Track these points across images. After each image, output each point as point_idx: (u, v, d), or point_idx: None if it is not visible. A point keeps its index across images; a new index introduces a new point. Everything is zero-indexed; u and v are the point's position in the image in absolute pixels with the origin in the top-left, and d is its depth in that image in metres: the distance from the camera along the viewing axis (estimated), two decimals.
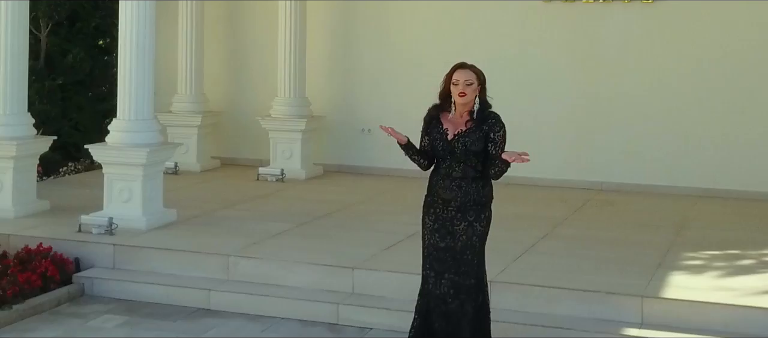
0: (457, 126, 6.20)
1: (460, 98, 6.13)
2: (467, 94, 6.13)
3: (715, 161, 11.45)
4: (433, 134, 6.27)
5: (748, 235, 9.30)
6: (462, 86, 6.13)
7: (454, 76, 6.17)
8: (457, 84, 6.15)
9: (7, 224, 9.15)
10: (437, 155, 6.28)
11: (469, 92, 6.14)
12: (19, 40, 9.83)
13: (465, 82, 6.14)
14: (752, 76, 11.37)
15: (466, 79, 6.14)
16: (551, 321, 7.17)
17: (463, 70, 6.18)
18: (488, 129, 6.18)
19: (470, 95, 6.15)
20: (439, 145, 6.23)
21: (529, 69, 12.12)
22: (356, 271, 7.85)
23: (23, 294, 7.76)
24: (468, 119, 6.20)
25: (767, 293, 7.31)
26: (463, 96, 6.13)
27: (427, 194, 6.37)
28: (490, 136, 6.18)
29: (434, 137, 6.25)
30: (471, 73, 6.17)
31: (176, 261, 8.33)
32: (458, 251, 6.26)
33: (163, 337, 7.18)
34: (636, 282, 7.50)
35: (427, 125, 6.33)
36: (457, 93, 6.14)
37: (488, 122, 6.20)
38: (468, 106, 6.17)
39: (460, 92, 6.13)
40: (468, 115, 6.20)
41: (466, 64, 6.23)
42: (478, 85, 6.18)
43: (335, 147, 12.84)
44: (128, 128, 9.27)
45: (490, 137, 6.18)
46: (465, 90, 6.13)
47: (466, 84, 6.14)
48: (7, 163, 9.59)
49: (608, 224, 9.81)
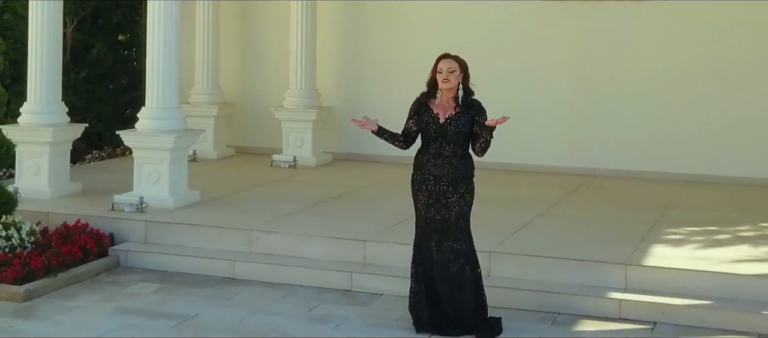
0: (447, 111, 7.03)
1: (445, 84, 6.97)
2: (451, 80, 6.97)
3: (701, 148, 12.22)
4: (424, 118, 7.08)
5: (726, 215, 10.07)
6: (446, 73, 6.97)
7: (438, 66, 7.02)
8: (441, 72, 6.99)
9: (45, 204, 9.93)
10: (427, 137, 7.09)
11: (452, 78, 6.97)
12: (53, 36, 10.60)
13: (448, 70, 6.98)
14: (735, 71, 12.14)
15: (449, 68, 6.98)
16: (544, 286, 7.94)
17: (446, 60, 7.02)
18: (474, 113, 7.02)
19: (453, 81, 6.98)
20: (431, 127, 7.05)
21: (527, 63, 12.89)
22: (368, 243, 8.65)
23: (65, 264, 8.54)
24: (455, 104, 7.02)
25: (738, 262, 8.10)
26: (447, 82, 6.97)
27: (415, 173, 7.20)
28: (476, 118, 7.02)
29: (426, 121, 7.06)
30: (454, 62, 7.02)
31: (203, 235, 9.13)
32: (453, 221, 7.09)
33: (194, 301, 7.95)
34: (621, 253, 8.29)
35: (416, 110, 7.15)
36: (442, 80, 6.99)
37: (474, 107, 7.04)
38: (452, 91, 7.00)
39: (443, 78, 6.97)
40: (454, 101, 7.02)
41: (450, 54, 7.09)
42: (461, 72, 7.02)
43: (344, 136, 13.59)
44: (156, 116, 10.05)
45: (476, 120, 7.02)
46: (448, 77, 6.97)
47: (449, 71, 6.98)
48: (44, 148, 10.36)
49: (599, 206, 10.59)
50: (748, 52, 12.10)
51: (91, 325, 7.34)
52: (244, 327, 7.32)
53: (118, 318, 7.52)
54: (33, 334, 7.13)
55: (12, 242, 8.56)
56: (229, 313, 7.66)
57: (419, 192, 7.20)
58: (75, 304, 7.87)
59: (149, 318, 7.52)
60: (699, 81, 12.27)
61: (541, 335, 7.24)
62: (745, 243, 8.80)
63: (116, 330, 7.22)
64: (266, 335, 7.16)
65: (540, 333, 7.26)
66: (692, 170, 12.14)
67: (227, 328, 7.29)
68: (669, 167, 12.26)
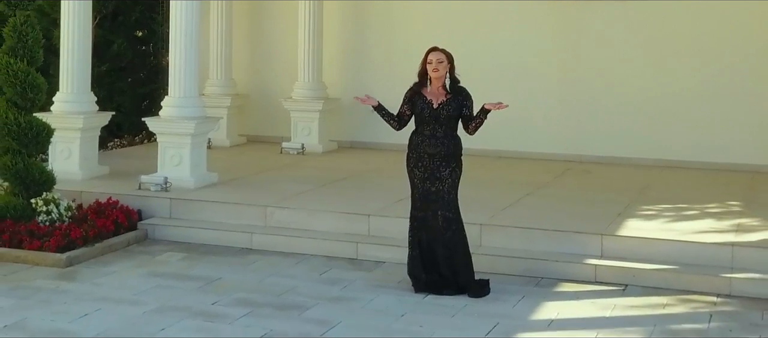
0: (439, 98, 8.05)
1: (435, 73, 7.99)
2: (440, 70, 7.99)
3: (678, 136, 13.16)
4: (418, 104, 8.08)
5: (697, 194, 11.04)
6: (435, 64, 7.99)
7: (428, 57, 8.05)
8: (431, 63, 8.01)
9: (77, 184, 10.90)
10: (421, 120, 8.11)
11: (441, 68, 7.99)
12: (83, 32, 11.57)
13: (437, 61, 8.00)
14: (712, 65, 13.08)
15: (438, 59, 8.01)
16: (529, 254, 8.91)
17: (435, 52, 8.05)
18: (462, 99, 8.07)
19: (442, 71, 8.00)
20: (425, 112, 8.05)
21: (520, 57, 13.82)
22: (371, 217, 9.63)
23: (100, 235, 9.52)
24: (445, 92, 8.02)
25: (701, 233, 9.08)
26: (437, 71, 7.99)
27: (411, 152, 8.22)
28: (464, 104, 8.06)
29: (421, 107, 8.07)
30: (442, 54, 8.05)
31: (222, 211, 10.10)
32: (445, 192, 8.10)
33: (217, 268, 8.92)
34: (598, 225, 9.26)
35: (410, 97, 8.16)
36: (432, 70, 8.01)
37: (462, 94, 8.07)
38: (441, 80, 8.01)
39: (433, 68, 7.99)
40: (443, 88, 8.02)
41: (438, 47, 8.13)
42: (448, 63, 8.02)
43: (348, 125, 14.55)
44: (178, 104, 11.02)
45: (465, 105, 8.06)
46: (438, 67, 8.00)
47: (439, 62, 8.00)
48: (75, 134, 11.33)
49: (583, 187, 11.56)
50: (722, 49, 13.05)
51: (128, 286, 8.32)
52: (263, 288, 8.30)
53: (150, 280, 8.50)
54: (78, 293, 8.10)
55: (52, 216, 9.55)
56: (249, 276, 8.64)
57: (415, 169, 8.19)
58: (111, 269, 8.85)
59: (178, 280, 8.50)
60: (677, 75, 13.21)
61: (525, 295, 8.19)
62: (710, 218, 9.78)
63: (150, 290, 8.19)
64: (283, 293, 8.13)
65: (524, 294, 8.21)
66: (670, 156, 13.10)
67: (248, 288, 8.26)
68: (649, 153, 13.21)
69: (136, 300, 7.91)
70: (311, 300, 7.96)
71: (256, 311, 7.64)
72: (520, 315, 7.67)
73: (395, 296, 8.12)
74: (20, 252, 9.06)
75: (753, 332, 7.32)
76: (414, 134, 8.22)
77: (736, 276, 8.32)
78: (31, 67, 9.77)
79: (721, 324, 7.52)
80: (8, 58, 9.72)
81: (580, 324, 7.52)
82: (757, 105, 12.86)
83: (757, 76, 12.87)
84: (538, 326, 7.45)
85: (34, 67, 9.82)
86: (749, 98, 12.90)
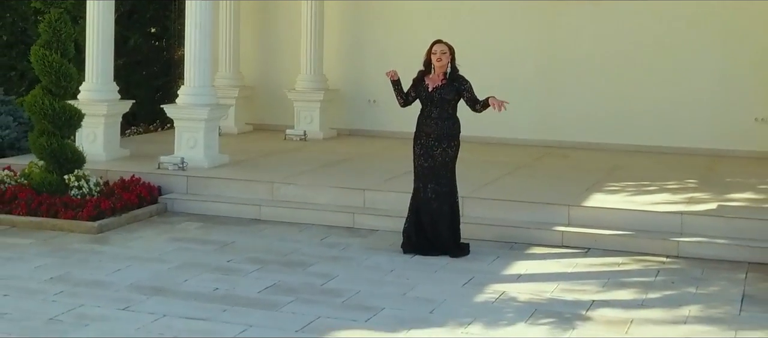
0: (435, 83, 9.25)
1: (438, 62, 9.18)
2: (442, 60, 9.18)
3: (647, 123, 14.38)
4: (419, 88, 9.30)
5: (659, 174, 12.25)
6: (439, 54, 9.19)
7: (433, 48, 9.24)
8: (435, 53, 9.20)
9: (102, 164, 12.11)
10: (422, 102, 9.29)
11: (444, 58, 9.18)
12: (106, 29, 12.79)
13: (441, 52, 9.19)
14: (674, 60, 14.31)
15: (441, 50, 9.20)
16: (505, 223, 10.13)
17: (439, 44, 9.24)
18: (458, 84, 9.25)
19: (444, 61, 9.18)
20: (423, 95, 9.26)
21: (504, 51, 15.05)
22: (366, 192, 10.86)
23: (126, 207, 10.75)
24: (443, 78, 9.22)
25: (656, 204, 10.31)
26: (440, 61, 9.17)
27: (416, 131, 9.38)
28: (462, 88, 9.25)
29: (420, 91, 9.29)
30: (445, 46, 9.23)
31: (234, 187, 11.33)
32: (437, 168, 9.29)
33: (230, 234, 10.14)
34: (567, 198, 10.49)
35: (415, 82, 9.36)
36: (436, 59, 9.19)
37: (458, 80, 9.24)
38: (443, 68, 9.20)
39: (437, 58, 9.18)
40: (444, 76, 9.22)
41: (442, 40, 9.30)
42: (450, 54, 9.20)
43: (347, 114, 15.78)
44: (193, 92, 12.23)
45: (464, 89, 9.26)
46: (441, 57, 9.18)
47: (442, 53, 9.19)
48: (99, 119, 12.54)
49: (558, 168, 12.78)
50: (683, 44, 14.29)
51: (153, 248, 9.56)
52: (271, 250, 9.53)
53: (173, 243, 9.74)
54: (110, 254, 9.33)
55: (83, 190, 10.76)
56: (258, 241, 9.88)
57: (416, 146, 9.40)
58: (137, 235, 10.08)
59: (197, 244, 9.73)
60: (645, 68, 14.44)
61: (499, 256, 9.40)
62: (666, 192, 11.00)
63: (173, 251, 9.42)
64: (288, 253, 9.37)
65: (499, 256, 9.42)
66: (639, 141, 14.32)
67: (258, 250, 9.49)
68: (621, 138, 14.43)
69: (161, 258, 9.15)
70: (313, 259, 9.19)
71: (265, 267, 8.87)
72: (493, 271, 8.89)
73: (386, 256, 9.35)
74: (57, 221, 10.29)
75: (692, 285, 8.53)
76: (419, 115, 9.43)
77: (684, 240, 9.54)
78: (64, 58, 10.96)
79: (665, 278, 8.74)
80: (44, 51, 10.91)
81: (544, 277, 8.75)
82: (716, 94, 14.08)
83: (715, 67, 14.10)
84: (508, 279, 8.66)
85: (67, 58, 11.02)
86: (709, 88, 14.14)
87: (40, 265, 8.86)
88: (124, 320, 7.33)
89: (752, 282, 8.63)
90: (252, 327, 7.17)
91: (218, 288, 8.19)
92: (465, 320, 7.42)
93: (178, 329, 7.12)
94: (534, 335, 7.14)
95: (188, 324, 7.24)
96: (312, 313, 7.51)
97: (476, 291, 8.25)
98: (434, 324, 7.34)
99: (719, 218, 9.81)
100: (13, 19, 16.48)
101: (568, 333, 7.18)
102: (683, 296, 8.20)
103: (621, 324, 7.40)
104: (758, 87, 13.88)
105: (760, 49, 13.91)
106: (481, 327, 7.30)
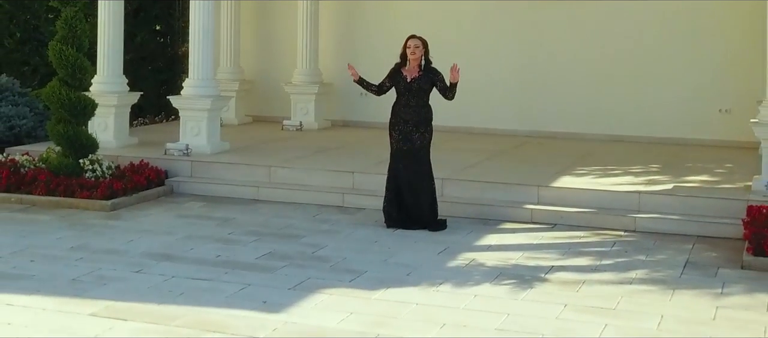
0: (412, 74, 10.29)
1: (412, 55, 10.22)
2: (416, 53, 10.23)
3: (622, 114, 15.40)
4: (397, 79, 10.34)
5: (626, 160, 13.27)
6: (413, 48, 10.23)
7: (408, 43, 10.29)
8: (410, 47, 10.24)
9: (113, 150, 13.13)
10: (399, 92, 10.33)
11: (418, 52, 10.23)
12: (116, 26, 13.82)
13: (415, 46, 10.24)
14: (648, 55, 15.33)
15: (415, 44, 10.25)
16: (480, 201, 11.16)
17: (413, 39, 10.30)
18: (433, 76, 10.31)
19: (418, 54, 10.23)
20: (402, 85, 10.30)
21: (487, 47, 16.08)
22: (355, 174, 11.91)
23: (136, 188, 11.79)
24: (419, 70, 10.26)
25: (617, 184, 11.36)
26: (414, 54, 10.21)
27: (392, 118, 10.44)
28: (436, 79, 10.28)
29: (398, 81, 10.33)
30: (419, 40, 10.28)
31: (234, 170, 12.38)
32: (415, 151, 10.34)
33: (231, 211, 11.17)
34: (538, 179, 11.52)
35: (392, 73, 10.39)
36: (410, 53, 10.23)
37: (432, 72, 10.29)
38: (417, 61, 10.24)
39: (411, 52, 10.22)
40: (418, 68, 10.25)
41: (416, 35, 10.32)
42: (423, 48, 10.23)
43: (340, 106, 16.81)
44: (197, 84, 13.26)
45: (437, 79, 10.28)
46: (415, 51, 10.23)
47: (416, 47, 10.24)
48: (110, 110, 13.57)
49: (533, 155, 13.79)
50: (655, 42, 15.31)
51: (163, 222, 10.61)
52: (268, 224, 10.57)
53: (180, 219, 10.79)
54: (123, 227, 10.38)
55: (96, 173, 11.80)
56: (256, 217, 10.92)
57: (394, 131, 10.44)
58: (147, 212, 11.13)
59: (201, 219, 10.78)
60: (617, 63, 15.47)
61: (473, 230, 10.43)
62: (629, 175, 12.04)
63: (179, 225, 10.46)
64: (283, 227, 10.41)
65: (473, 230, 10.45)
66: (613, 130, 15.35)
67: (256, 225, 10.54)
68: (595, 129, 15.45)
69: (169, 231, 10.19)
70: (306, 232, 10.24)
71: (262, 238, 9.92)
72: (466, 243, 9.93)
73: (371, 230, 10.39)
74: (73, 200, 11.34)
75: (643, 254, 9.56)
76: (395, 104, 10.47)
77: (640, 216, 10.58)
78: (79, 53, 12.01)
79: (620, 248, 9.78)
80: (61, 46, 11.95)
81: (511, 248, 9.78)
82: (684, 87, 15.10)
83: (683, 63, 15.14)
84: (479, 249, 9.70)
85: (82, 53, 12.06)
86: (677, 82, 15.16)
87: (61, 237, 9.91)
88: (138, 280, 8.37)
89: (697, 251, 9.67)
90: (250, 286, 8.21)
91: (220, 255, 9.23)
92: (437, 281, 8.46)
93: (186, 287, 8.16)
94: (496, 293, 8.17)
95: (194, 283, 8.28)
96: (303, 275, 8.55)
97: (449, 258, 9.29)
98: (410, 284, 8.38)
99: (673, 197, 10.84)
100: (26, 17, 17.50)
101: (526, 292, 8.21)
102: (633, 263, 9.23)
103: (574, 285, 8.42)
104: (722, 81, 14.91)
105: (724, 46, 14.92)
106: (451, 286, 8.33)
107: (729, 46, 14.85)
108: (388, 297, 7.97)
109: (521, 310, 7.70)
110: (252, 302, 7.76)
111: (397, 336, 7.05)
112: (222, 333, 7.04)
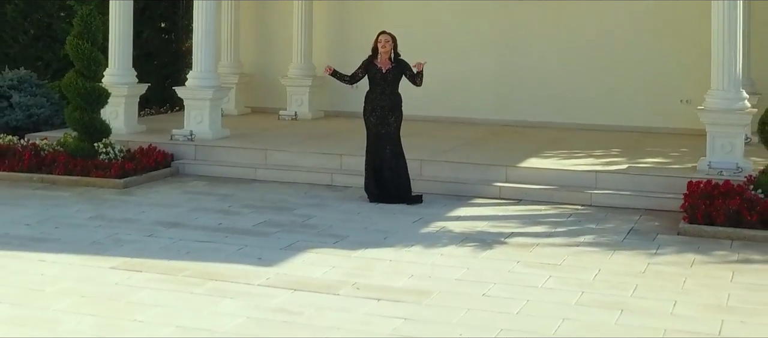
0: (386, 66, 11.60)
1: (383, 49, 11.55)
2: (386, 47, 11.54)
3: (591, 104, 16.68)
4: (371, 70, 11.64)
5: (591, 145, 14.52)
6: (383, 42, 11.55)
7: (379, 38, 11.63)
8: (381, 42, 11.54)
9: (123, 136, 14.41)
10: (374, 82, 11.64)
11: (388, 46, 11.54)
12: (126, 24, 15.11)
13: (385, 40, 11.57)
14: (615, 49, 16.62)
15: (386, 39, 11.59)
16: (454, 180, 12.44)
17: (384, 35, 11.63)
18: (403, 67, 11.61)
19: (388, 47, 11.54)
20: (377, 76, 11.60)
21: (467, 41, 17.35)
22: (343, 156, 13.20)
23: (145, 169, 13.07)
24: (390, 62, 11.55)
25: (577, 165, 12.65)
26: (384, 48, 11.53)
27: (367, 105, 11.74)
28: (406, 69, 11.59)
29: (373, 72, 11.63)
30: (389, 35, 11.60)
31: (234, 154, 13.67)
32: (392, 133, 11.65)
33: (231, 189, 12.46)
34: (506, 160, 12.81)
35: (365, 65, 11.70)
36: (381, 46, 11.54)
37: (402, 64, 11.61)
38: (387, 54, 11.56)
39: (382, 45, 11.53)
40: (389, 60, 11.54)
41: (386, 31, 11.64)
42: (393, 42, 11.54)
43: (333, 98, 18.04)
44: (200, 76, 14.55)
45: (407, 69, 11.58)
46: (385, 45, 11.54)
47: (386, 41, 11.56)
48: (121, 100, 14.85)
49: (507, 140, 15.06)
50: (622, 37, 16.59)
51: (171, 197, 11.91)
52: (264, 199, 11.86)
53: (185, 195, 12.09)
54: (135, 201, 11.68)
55: (110, 155, 13.08)
56: (254, 194, 12.22)
57: (371, 117, 11.73)
58: (155, 189, 12.43)
59: (204, 195, 12.08)
60: (588, 57, 16.76)
61: (446, 204, 11.71)
62: (591, 158, 13.31)
63: (185, 200, 11.75)
64: (278, 202, 11.71)
65: (446, 204, 11.72)
66: (582, 120, 16.60)
67: (253, 199, 11.83)
68: (566, 118, 16.71)
69: (176, 204, 11.50)
70: (297, 205, 11.54)
71: (258, 210, 11.22)
72: (439, 214, 11.21)
73: (355, 204, 11.68)
74: (89, 179, 12.64)
75: (594, 223, 10.84)
76: (369, 92, 11.76)
77: (596, 192, 11.87)
78: (93, 47, 13.28)
79: (574, 218, 11.07)
80: (77, 40, 13.22)
81: (478, 218, 11.06)
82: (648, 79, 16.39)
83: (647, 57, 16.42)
84: (449, 219, 10.99)
85: (96, 47, 13.33)
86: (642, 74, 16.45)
87: (80, 209, 11.21)
88: (150, 242, 9.67)
89: (642, 221, 10.95)
90: (247, 246, 9.51)
91: (221, 223, 10.54)
92: (409, 243, 9.76)
93: (192, 247, 9.46)
94: (459, 253, 9.46)
95: (199, 244, 9.58)
96: (293, 239, 9.85)
97: (422, 226, 10.58)
98: (386, 245, 9.67)
99: (626, 175, 12.14)
100: (40, 15, 18.78)
101: (486, 252, 9.50)
102: (583, 230, 10.52)
103: (528, 247, 9.71)
104: (682, 73, 16.16)
105: (685, 41, 16.17)
106: (421, 247, 9.63)
107: (690, 41, 16.07)
108: (366, 256, 9.27)
109: (479, 266, 9.00)
110: (249, 258, 9.06)
111: (370, 282, 8.35)
112: (223, 280, 8.33)
